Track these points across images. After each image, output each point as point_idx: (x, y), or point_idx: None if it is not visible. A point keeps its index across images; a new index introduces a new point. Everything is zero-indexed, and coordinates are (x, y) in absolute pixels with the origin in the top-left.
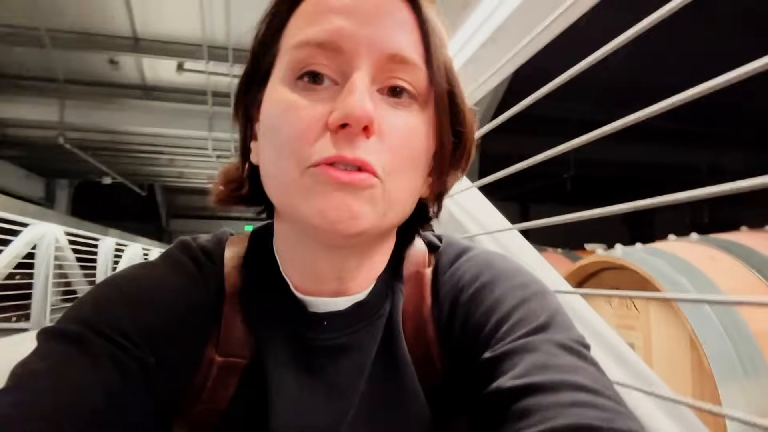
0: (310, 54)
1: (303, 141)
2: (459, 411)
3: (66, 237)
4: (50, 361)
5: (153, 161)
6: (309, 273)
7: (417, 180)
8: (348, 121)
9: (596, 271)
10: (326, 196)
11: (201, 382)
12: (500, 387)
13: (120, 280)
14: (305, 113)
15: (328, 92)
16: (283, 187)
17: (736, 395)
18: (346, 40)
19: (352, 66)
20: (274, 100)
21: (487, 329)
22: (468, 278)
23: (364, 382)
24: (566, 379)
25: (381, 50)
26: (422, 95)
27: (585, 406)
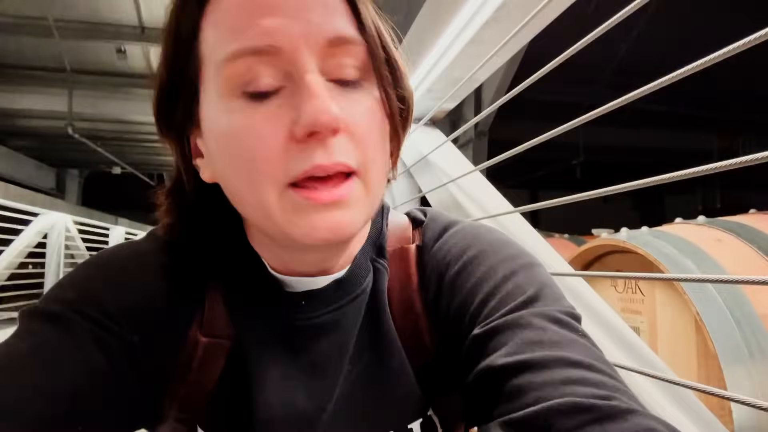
0: (248, 64)
1: (272, 160)
2: (450, 389)
3: (76, 226)
4: (31, 341)
5: (161, 151)
6: (288, 264)
7: (386, 156)
8: (316, 128)
9: (601, 254)
10: (314, 219)
11: (186, 362)
12: (491, 365)
13: (102, 260)
14: (265, 130)
15: (277, 98)
16: (262, 210)
17: (741, 379)
18: (283, 40)
19: (297, 64)
20: (221, 118)
21: (475, 305)
22: (455, 253)
23: (348, 361)
24: (559, 354)
25: (320, 38)
26: (367, 68)
27: (580, 383)
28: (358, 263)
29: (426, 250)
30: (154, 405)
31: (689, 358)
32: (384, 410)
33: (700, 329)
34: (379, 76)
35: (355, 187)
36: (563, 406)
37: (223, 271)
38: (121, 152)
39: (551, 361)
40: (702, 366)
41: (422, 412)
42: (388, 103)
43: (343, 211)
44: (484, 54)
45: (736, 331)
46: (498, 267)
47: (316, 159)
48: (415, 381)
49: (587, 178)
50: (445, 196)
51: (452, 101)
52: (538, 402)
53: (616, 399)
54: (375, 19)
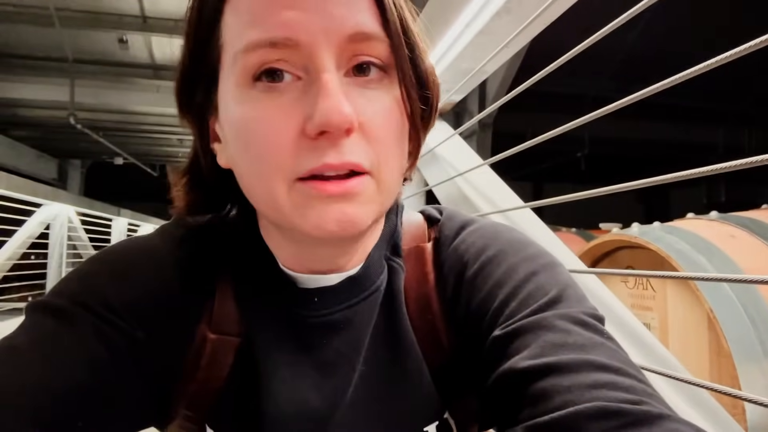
0: (265, 55)
1: (282, 153)
2: (467, 391)
3: (79, 217)
4: (34, 335)
5: (164, 141)
6: (300, 260)
7: (403, 156)
8: (328, 128)
9: (611, 250)
10: (321, 210)
11: (195, 359)
12: (513, 367)
13: (110, 255)
14: (277, 122)
15: (293, 91)
16: (271, 202)
17: (755, 377)
18: (301, 33)
19: (314, 59)
20: (234, 107)
21: (495, 305)
22: (473, 252)
23: (361, 361)
24: (585, 358)
25: (340, 33)
26: (390, 65)
27: (609, 386)
28: (373, 261)
29: (443, 248)
30: (161, 403)
31: (701, 355)
32: (399, 412)
33: (713, 326)
34: (401, 75)
35: (366, 184)
36: (592, 411)
37: (234, 266)
38: (124, 143)
39: (578, 364)
40: (714, 364)
41: (438, 414)
42: (409, 103)
43: (352, 204)
44: (493, 45)
45: (750, 328)
46: (518, 267)
47: (327, 158)
48: (432, 382)
49: (592, 170)
50: (453, 190)
51: (460, 93)
52: (565, 406)
53: (647, 404)
54: (403, 13)
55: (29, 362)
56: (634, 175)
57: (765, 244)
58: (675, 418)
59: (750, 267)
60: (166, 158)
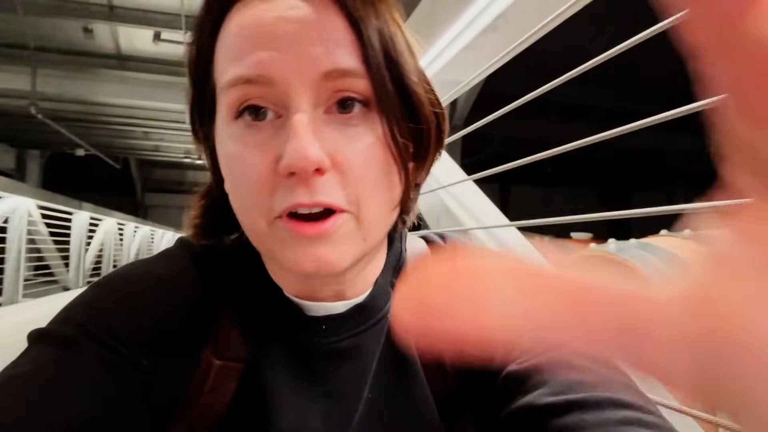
0: (243, 91)
1: (261, 192)
2: (466, 417)
3: (39, 211)
4: (38, 364)
5: (128, 134)
6: (302, 287)
7: (390, 191)
8: (294, 170)
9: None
10: (298, 251)
11: (199, 385)
12: (534, 403)
13: (113, 282)
14: (255, 160)
15: (272, 128)
16: (256, 236)
17: None
18: (273, 71)
19: (289, 96)
20: (223, 142)
21: None
22: None
23: (368, 388)
24: (608, 395)
25: (314, 71)
26: (373, 100)
27: (636, 423)
28: (379, 288)
29: None
30: (160, 428)
31: None
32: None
33: None
34: (381, 113)
35: (341, 223)
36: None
37: (238, 292)
38: (86, 134)
39: (602, 401)
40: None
41: None
42: (392, 141)
43: (328, 246)
44: (477, 60)
45: None
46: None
47: (298, 197)
48: (435, 409)
49: (558, 173)
50: (435, 202)
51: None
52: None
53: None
54: (391, 42)
55: (32, 390)
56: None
57: None
58: None
59: None
60: (129, 151)
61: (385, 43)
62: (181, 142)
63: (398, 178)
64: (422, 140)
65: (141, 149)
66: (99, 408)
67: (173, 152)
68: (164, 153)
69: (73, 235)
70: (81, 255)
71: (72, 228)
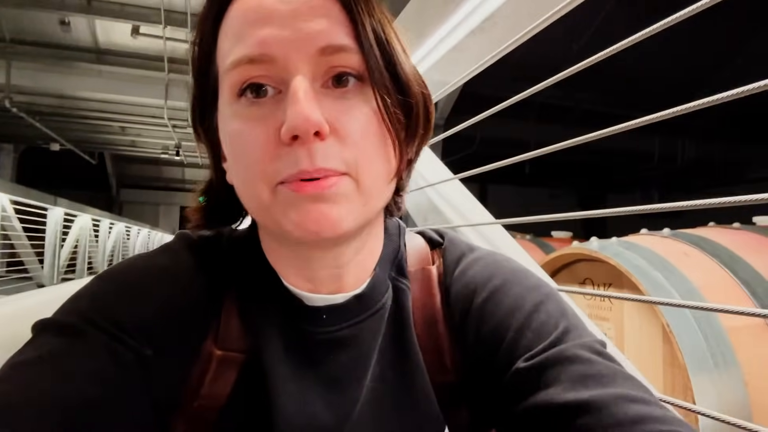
0: (246, 71)
1: (264, 161)
2: (463, 409)
3: (12, 206)
4: (42, 352)
5: (104, 128)
6: (303, 274)
7: (387, 161)
8: (296, 132)
9: (571, 261)
10: (301, 209)
11: (200, 376)
12: (551, 402)
13: (116, 274)
14: (257, 132)
15: (273, 103)
16: (259, 206)
17: (707, 387)
18: (274, 48)
19: (289, 71)
20: (225, 123)
21: (510, 335)
22: (480, 280)
23: (369, 377)
24: (618, 392)
25: (311, 46)
26: (366, 75)
27: (648, 420)
28: (378, 280)
29: (447, 273)
30: (163, 419)
31: (656, 365)
32: (406, 427)
33: (668, 339)
34: (374, 85)
35: (342, 184)
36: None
37: (238, 283)
38: (61, 128)
39: (614, 398)
40: (668, 374)
41: (440, 430)
42: (384, 111)
43: (330, 204)
44: (464, 61)
45: (703, 342)
46: (525, 296)
47: (301, 165)
48: (435, 400)
49: (536, 174)
50: (422, 200)
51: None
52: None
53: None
54: (380, 26)
55: (36, 376)
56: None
57: (716, 263)
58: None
59: (703, 285)
60: (105, 146)
61: (375, 25)
62: (159, 137)
63: (393, 151)
64: (411, 115)
65: (117, 144)
66: (103, 395)
67: (150, 148)
68: (141, 148)
69: (48, 231)
70: (56, 251)
71: (47, 223)
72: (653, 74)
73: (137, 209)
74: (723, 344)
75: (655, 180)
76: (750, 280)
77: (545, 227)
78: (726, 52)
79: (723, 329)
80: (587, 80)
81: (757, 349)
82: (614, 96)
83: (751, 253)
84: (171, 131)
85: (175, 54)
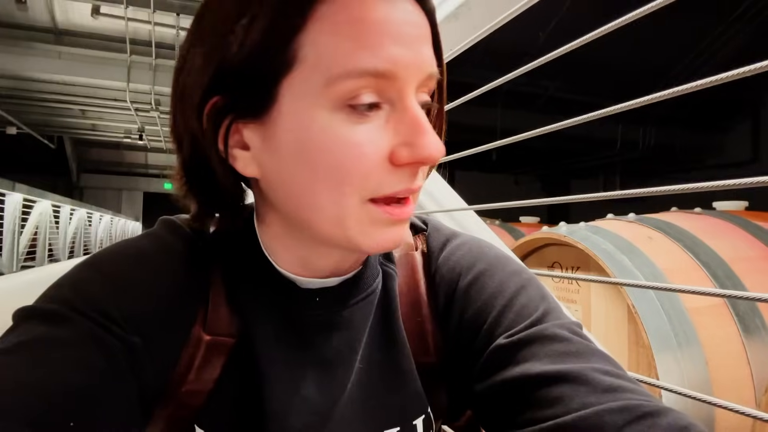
0: (364, 83)
1: (366, 176)
2: (442, 388)
3: None
4: (24, 340)
5: (64, 112)
6: (303, 263)
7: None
8: (427, 162)
9: (540, 246)
10: (386, 232)
11: (188, 361)
12: (526, 373)
13: (100, 261)
14: (366, 147)
15: (377, 119)
16: (335, 218)
17: (670, 365)
18: (401, 69)
19: (404, 93)
20: (316, 127)
21: (492, 316)
22: (464, 264)
23: (358, 359)
24: (591, 365)
25: (424, 73)
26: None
27: (620, 390)
28: (370, 265)
29: (432, 258)
30: (149, 405)
31: (621, 345)
32: (393, 406)
33: (633, 319)
34: (441, 107)
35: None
36: (615, 408)
37: (227, 268)
38: (18, 111)
39: (588, 371)
40: (633, 353)
41: (424, 409)
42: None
43: (404, 226)
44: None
45: (666, 322)
46: (508, 281)
47: (407, 184)
48: (419, 380)
49: (502, 160)
50: None
51: None
52: (585, 407)
53: (652, 401)
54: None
55: (18, 365)
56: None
57: (679, 246)
58: (677, 412)
59: (666, 267)
60: (65, 130)
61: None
62: (121, 121)
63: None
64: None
65: (77, 128)
66: (88, 384)
67: (111, 131)
68: (102, 132)
69: (5, 218)
70: (15, 238)
71: (5, 210)
72: (618, 62)
73: (99, 195)
74: (685, 324)
75: (617, 166)
76: (710, 262)
77: (512, 213)
78: (690, 44)
79: (685, 310)
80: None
81: (718, 329)
82: (579, 83)
83: (712, 237)
84: (133, 115)
85: (138, 35)
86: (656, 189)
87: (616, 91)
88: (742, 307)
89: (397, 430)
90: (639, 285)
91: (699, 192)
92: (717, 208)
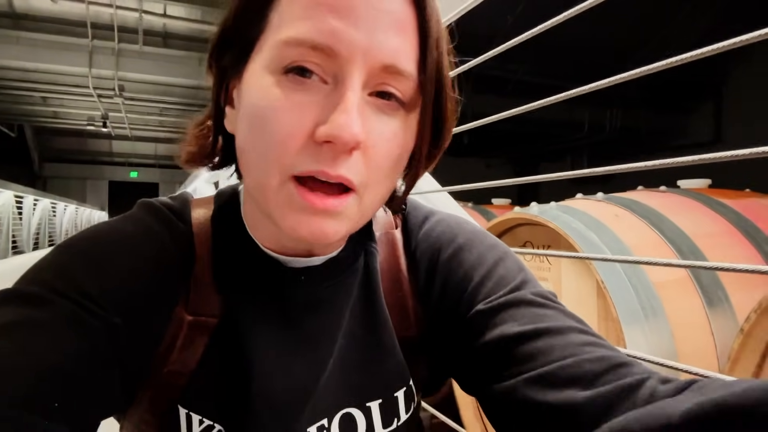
0: (302, 53)
1: (286, 149)
2: (421, 361)
3: None
4: (4, 321)
5: (25, 99)
6: (282, 243)
7: (392, 184)
8: (335, 141)
9: (512, 226)
10: (301, 218)
11: (170, 342)
12: (506, 333)
13: (80, 243)
14: (291, 118)
15: (315, 91)
16: (261, 187)
17: (638, 337)
18: (342, 45)
19: (345, 73)
20: (258, 88)
21: (472, 285)
22: (445, 239)
23: (341, 335)
24: (567, 324)
25: (376, 59)
26: (411, 102)
27: (594, 344)
28: (353, 244)
29: (411, 235)
30: (132, 386)
31: (591, 319)
32: (375, 380)
33: (602, 294)
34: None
35: (349, 203)
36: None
37: (211, 249)
38: None
39: (565, 328)
40: (602, 326)
41: (406, 382)
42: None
43: (330, 220)
44: None
45: (634, 296)
46: (487, 254)
47: (323, 165)
48: (401, 352)
49: (473, 145)
50: None
51: None
52: (564, 358)
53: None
54: (441, 60)
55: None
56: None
57: (644, 222)
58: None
59: (633, 243)
60: (26, 117)
61: (440, 56)
62: (83, 108)
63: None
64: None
65: (38, 116)
66: (69, 365)
67: (74, 119)
68: (64, 120)
69: None
70: None
71: None
72: (585, 44)
73: (62, 184)
74: (652, 298)
75: (585, 149)
76: (675, 238)
77: (484, 195)
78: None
79: (652, 284)
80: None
81: (682, 301)
82: (548, 67)
83: (677, 214)
84: (97, 101)
85: (99, 19)
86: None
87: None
88: (706, 281)
89: (379, 401)
90: (607, 259)
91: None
92: (681, 186)
